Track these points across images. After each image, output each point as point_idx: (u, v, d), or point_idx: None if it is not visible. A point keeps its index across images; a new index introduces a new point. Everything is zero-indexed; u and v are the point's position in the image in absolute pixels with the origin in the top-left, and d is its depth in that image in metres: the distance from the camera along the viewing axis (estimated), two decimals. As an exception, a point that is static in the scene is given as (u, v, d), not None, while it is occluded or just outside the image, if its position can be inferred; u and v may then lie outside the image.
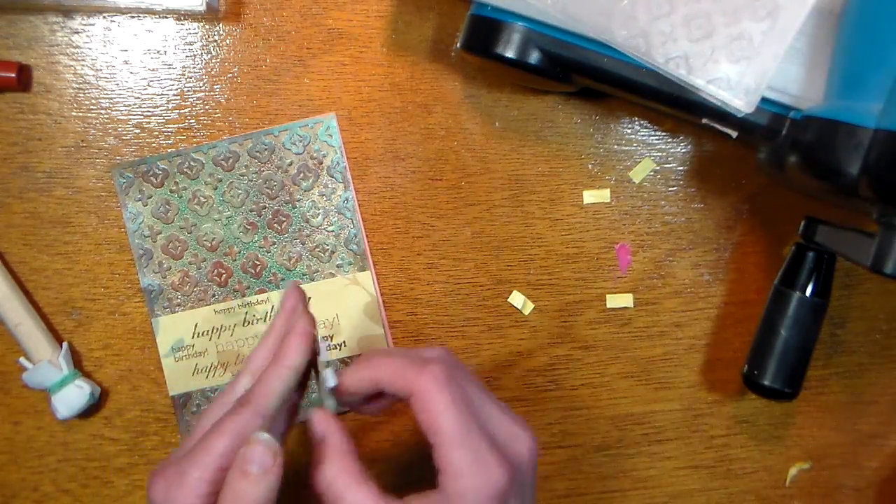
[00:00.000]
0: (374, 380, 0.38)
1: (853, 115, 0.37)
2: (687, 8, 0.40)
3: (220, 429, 0.35)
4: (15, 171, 0.50)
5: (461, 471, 0.35)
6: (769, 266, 0.52)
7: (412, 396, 0.36)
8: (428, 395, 0.36)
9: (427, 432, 0.36)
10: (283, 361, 0.37)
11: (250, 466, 0.33)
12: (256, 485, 0.33)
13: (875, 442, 0.54)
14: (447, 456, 0.35)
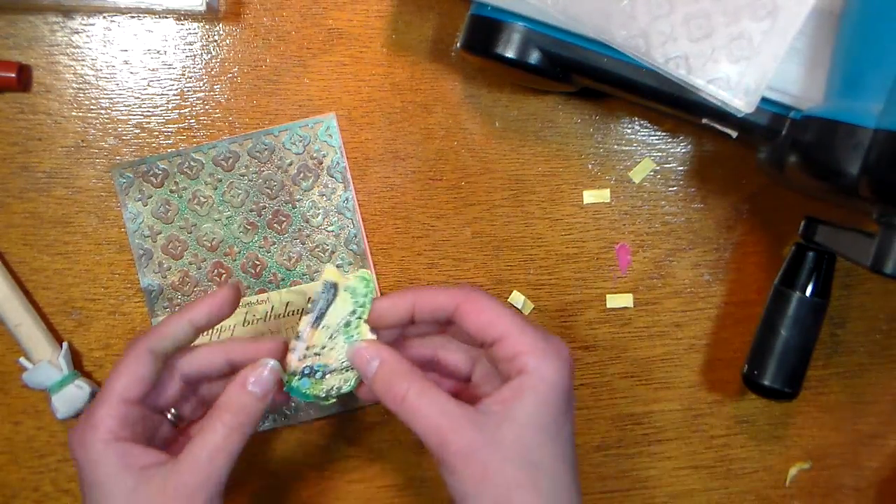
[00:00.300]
0: (412, 303, 0.40)
1: (853, 115, 0.37)
2: (687, 8, 0.40)
3: (117, 370, 0.39)
4: (15, 171, 0.50)
5: (536, 347, 0.37)
6: (769, 266, 0.52)
7: (459, 308, 0.38)
8: (480, 300, 0.38)
9: (484, 333, 0.38)
10: (184, 313, 0.40)
11: (252, 384, 0.38)
12: (254, 401, 0.38)
13: (875, 442, 0.54)
14: (518, 339, 0.37)
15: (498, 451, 0.35)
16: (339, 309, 0.41)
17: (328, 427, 0.52)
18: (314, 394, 0.41)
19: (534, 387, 0.36)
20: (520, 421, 0.36)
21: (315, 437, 0.52)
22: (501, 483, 0.35)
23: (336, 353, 0.41)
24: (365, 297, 0.41)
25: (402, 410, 0.37)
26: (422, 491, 0.53)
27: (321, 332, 0.41)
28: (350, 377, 0.41)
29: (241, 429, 0.38)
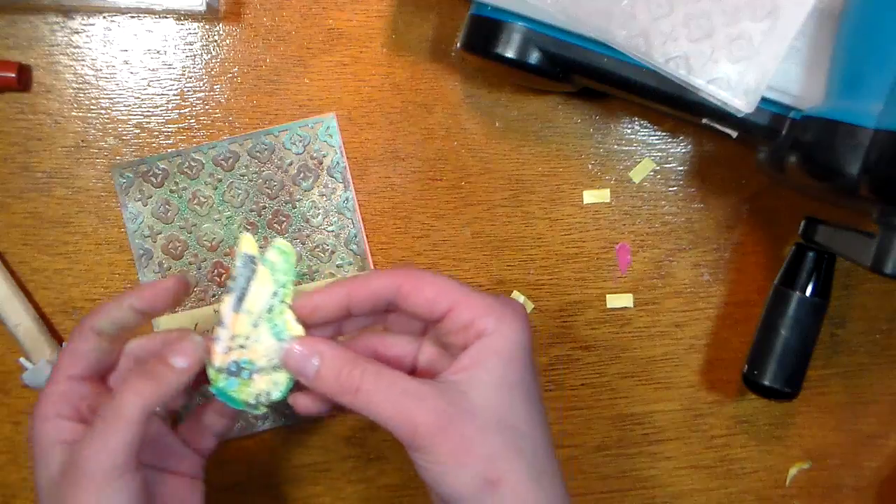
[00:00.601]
0: (347, 295, 0.36)
1: (853, 115, 0.37)
2: (687, 8, 0.40)
3: (62, 352, 0.38)
4: (15, 171, 0.50)
5: (492, 308, 0.35)
6: (769, 266, 0.52)
7: (400, 289, 0.36)
8: (421, 276, 0.36)
9: (433, 307, 0.36)
10: (126, 295, 0.38)
11: (175, 357, 0.36)
12: (172, 374, 0.35)
13: (875, 442, 0.54)
14: (471, 304, 0.35)
15: (473, 420, 0.33)
16: (260, 289, 0.36)
17: (328, 427, 0.52)
18: (243, 399, 0.37)
19: (496, 348, 0.34)
20: (489, 385, 0.34)
21: (315, 438, 0.52)
22: (483, 453, 0.33)
23: (262, 348, 0.36)
24: (286, 274, 0.37)
25: (359, 401, 0.34)
26: (422, 491, 0.53)
27: (243, 317, 0.36)
28: (280, 380, 0.37)
29: (150, 399, 0.34)
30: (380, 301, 0.36)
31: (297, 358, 0.35)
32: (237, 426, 0.51)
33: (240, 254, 0.36)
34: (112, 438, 0.33)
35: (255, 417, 0.51)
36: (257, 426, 0.52)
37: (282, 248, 0.37)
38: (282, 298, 0.36)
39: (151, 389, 0.34)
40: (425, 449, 0.33)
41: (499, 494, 0.33)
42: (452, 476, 0.33)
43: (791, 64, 0.41)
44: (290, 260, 0.37)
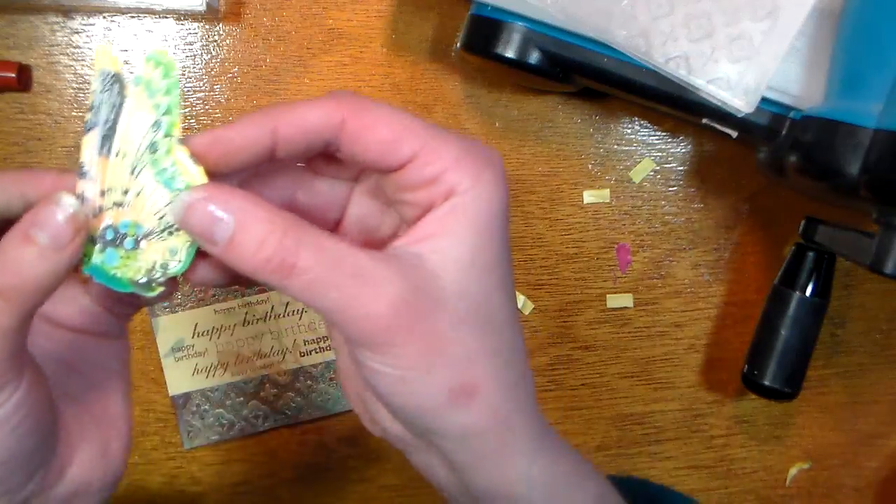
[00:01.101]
0: (272, 129, 0.26)
1: (853, 115, 0.37)
2: (687, 8, 0.40)
3: None
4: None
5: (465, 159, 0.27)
6: (769, 266, 0.52)
7: (346, 124, 0.26)
8: (373, 109, 0.27)
9: (390, 153, 0.27)
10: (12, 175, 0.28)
11: (37, 232, 0.24)
12: (41, 259, 0.24)
13: (875, 442, 0.54)
14: (440, 152, 0.27)
15: (445, 310, 0.26)
16: (134, 120, 0.27)
17: (328, 427, 0.52)
18: (129, 278, 0.27)
19: (471, 214, 0.26)
20: (461, 263, 0.26)
21: (315, 437, 0.52)
22: (456, 354, 0.26)
23: (150, 203, 0.27)
24: (168, 93, 0.27)
25: (294, 284, 0.25)
26: (422, 491, 0.53)
27: (116, 162, 0.27)
28: (178, 245, 0.27)
29: (23, 301, 0.25)
30: (315, 140, 0.27)
31: (201, 217, 0.25)
32: (237, 426, 0.51)
33: (98, 72, 0.26)
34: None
35: (255, 417, 0.51)
36: (258, 426, 0.52)
37: (158, 58, 0.26)
38: (167, 131, 0.26)
39: (24, 292, 0.24)
40: (382, 349, 0.25)
41: (472, 406, 0.26)
42: (417, 384, 0.26)
43: (791, 64, 0.41)
44: (170, 73, 0.26)
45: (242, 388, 0.51)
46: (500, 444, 0.27)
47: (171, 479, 0.52)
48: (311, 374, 0.52)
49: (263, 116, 0.26)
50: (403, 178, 0.27)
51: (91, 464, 0.29)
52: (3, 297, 0.24)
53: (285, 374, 0.51)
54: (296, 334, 0.51)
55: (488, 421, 0.27)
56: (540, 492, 0.29)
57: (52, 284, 0.25)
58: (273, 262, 0.24)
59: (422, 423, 0.27)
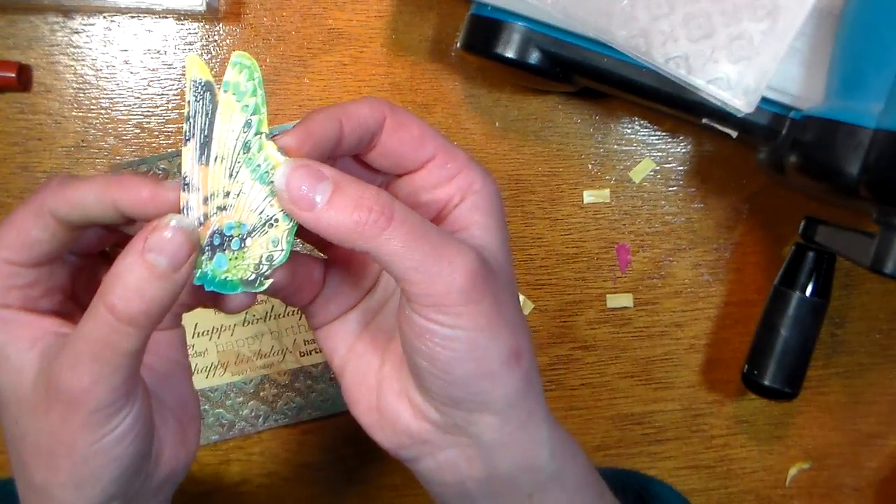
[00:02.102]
0: (340, 119, 0.28)
1: (853, 115, 0.37)
2: (687, 8, 0.40)
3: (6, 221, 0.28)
4: (15, 171, 0.50)
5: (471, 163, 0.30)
6: (769, 266, 0.52)
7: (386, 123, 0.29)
8: (404, 113, 0.30)
9: (415, 152, 0.30)
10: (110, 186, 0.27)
11: (155, 256, 0.25)
12: (161, 282, 0.25)
13: (875, 442, 0.54)
14: (455, 155, 0.30)
15: (498, 280, 0.28)
16: (227, 125, 0.27)
17: (328, 427, 0.52)
18: (239, 278, 0.28)
19: (489, 207, 0.30)
20: (493, 247, 0.29)
21: (315, 437, 0.52)
22: (510, 317, 0.28)
23: (250, 201, 0.27)
24: (254, 95, 0.27)
25: (392, 238, 0.26)
26: (422, 491, 0.53)
27: (216, 168, 0.27)
28: (278, 235, 0.28)
29: (146, 324, 0.26)
30: (366, 133, 0.29)
31: (300, 180, 0.26)
32: (237, 426, 0.51)
33: (190, 83, 0.27)
34: (114, 376, 0.26)
35: (255, 416, 0.51)
36: (258, 426, 0.52)
37: (242, 61, 0.27)
38: (257, 129, 0.27)
39: (147, 315, 0.26)
40: (457, 310, 0.26)
41: (520, 369, 0.28)
42: (484, 347, 0.27)
43: (791, 64, 0.41)
44: (255, 75, 0.27)
45: (242, 388, 0.51)
46: (531, 411, 0.30)
47: (171, 479, 0.52)
48: (311, 374, 0.52)
49: (332, 111, 0.28)
50: (423, 178, 0.30)
51: (176, 449, 0.31)
52: (132, 323, 0.25)
53: (285, 374, 0.51)
54: (296, 334, 0.51)
55: (526, 386, 0.29)
56: (556, 461, 0.31)
57: (172, 302, 0.26)
58: (372, 216, 0.26)
59: (479, 395, 0.28)
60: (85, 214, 0.28)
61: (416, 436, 0.30)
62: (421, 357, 0.28)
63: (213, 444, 0.52)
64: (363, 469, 0.52)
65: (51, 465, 0.28)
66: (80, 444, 0.27)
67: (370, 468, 0.53)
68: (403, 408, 0.30)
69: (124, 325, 0.25)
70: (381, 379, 0.31)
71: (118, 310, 0.25)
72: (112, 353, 0.26)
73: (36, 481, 0.28)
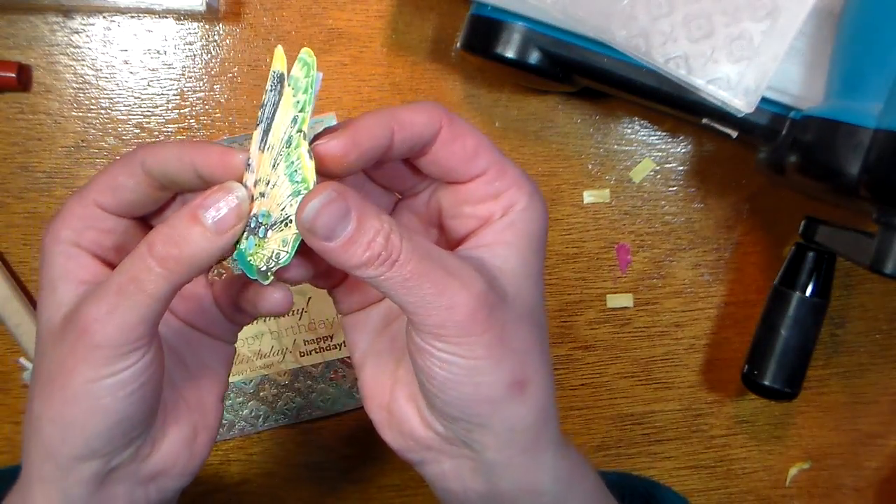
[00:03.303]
0: (390, 126, 0.28)
1: (853, 115, 0.37)
2: (687, 8, 0.40)
3: (97, 174, 0.30)
4: (15, 171, 0.50)
5: (523, 182, 0.30)
6: (769, 266, 0.52)
7: (441, 133, 0.29)
8: (460, 123, 0.29)
9: (468, 164, 0.29)
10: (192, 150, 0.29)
11: (206, 213, 0.27)
12: (202, 238, 0.27)
13: (875, 442, 0.54)
14: (507, 171, 0.30)
15: (510, 308, 0.28)
16: (283, 116, 0.28)
17: (328, 427, 0.52)
18: (255, 265, 0.29)
19: (526, 228, 0.29)
20: (518, 270, 0.29)
21: (315, 437, 0.52)
22: (517, 348, 0.28)
23: (278, 194, 0.28)
24: (305, 91, 0.28)
25: (395, 276, 0.26)
26: (422, 491, 0.53)
27: (266, 157, 0.29)
28: (288, 237, 0.28)
29: (177, 272, 0.27)
30: (418, 143, 0.29)
31: (331, 215, 0.26)
32: (237, 426, 0.51)
33: (271, 73, 0.29)
34: (129, 313, 0.27)
35: (255, 416, 0.51)
36: (258, 426, 0.52)
37: (305, 57, 0.28)
38: (299, 126, 0.28)
39: (180, 263, 0.27)
40: (459, 340, 0.27)
41: (524, 399, 0.28)
42: (484, 374, 0.27)
43: (791, 64, 0.41)
44: (310, 73, 0.28)
45: (242, 388, 0.51)
46: (536, 437, 0.29)
47: (171, 479, 0.52)
48: (311, 374, 0.52)
49: (384, 117, 0.28)
50: (469, 190, 0.30)
51: (178, 447, 0.31)
52: (163, 264, 0.27)
53: (285, 374, 0.51)
54: (296, 334, 0.51)
55: (534, 414, 0.29)
56: (560, 485, 0.30)
57: (206, 264, 0.27)
58: (381, 257, 0.26)
59: (476, 417, 0.28)
60: (167, 171, 0.29)
61: (421, 441, 0.30)
62: (420, 372, 0.28)
63: (214, 444, 0.52)
64: (363, 469, 0.52)
65: (46, 394, 0.28)
66: (77, 378, 0.27)
67: (370, 468, 0.53)
68: (412, 413, 0.30)
69: (156, 264, 0.26)
70: (395, 380, 0.32)
71: (156, 249, 0.27)
72: (136, 288, 0.27)
73: (34, 411, 0.29)
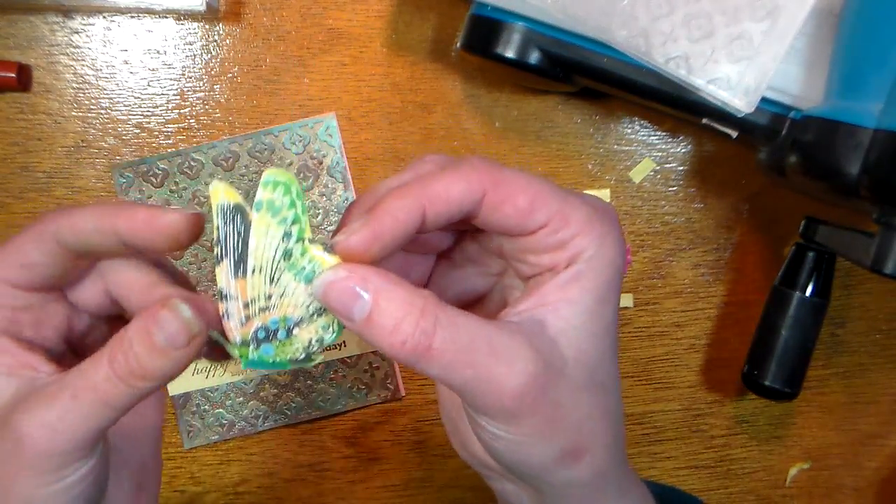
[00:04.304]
0: (422, 205, 0.26)
1: (853, 115, 0.37)
2: (687, 8, 0.40)
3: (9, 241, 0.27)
4: (15, 171, 0.50)
5: (591, 223, 0.27)
6: (769, 266, 0.52)
7: (487, 196, 0.26)
8: (510, 179, 0.26)
9: (526, 221, 0.27)
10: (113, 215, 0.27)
11: (158, 332, 0.25)
12: (162, 357, 0.26)
13: (875, 442, 0.54)
14: (571, 218, 0.27)
15: (565, 380, 0.26)
16: (264, 240, 0.28)
17: (328, 427, 0.52)
18: (288, 359, 0.29)
19: (593, 279, 0.27)
20: (581, 330, 0.27)
21: (315, 437, 0.52)
22: (572, 420, 0.26)
23: (294, 299, 0.29)
24: (292, 206, 0.28)
25: (432, 365, 0.25)
26: (422, 491, 0.53)
27: (255, 278, 0.28)
28: (328, 322, 0.29)
29: (141, 387, 0.26)
30: (458, 214, 0.26)
31: (339, 295, 0.25)
32: (237, 426, 0.51)
33: (217, 208, 0.28)
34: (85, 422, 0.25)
35: (255, 416, 0.51)
36: (258, 426, 0.52)
37: (276, 179, 0.28)
38: (298, 236, 0.28)
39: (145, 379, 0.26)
40: (508, 419, 0.26)
41: (578, 466, 0.27)
42: (533, 448, 0.26)
43: (791, 64, 0.41)
44: (292, 189, 0.28)
45: (242, 388, 0.51)
46: (595, 491, 0.28)
47: (171, 479, 0.52)
48: (311, 374, 0.52)
49: (413, 198, 0.26)
50: (531, 242, 0.27)
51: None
52: (126, 380, 0.25)
53: (285, 374, 0.51)
54: (296, 334, 0.51)
55: (591, 476, 0.28)
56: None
57: (171, 377, 0.26)
58: (409, 345, 0.24)
59: (531, 476, 0.28)
60: (85, 240, 0.27)
61: (486, 464, 0.30)
62: (477, 436, 0.27)
63: (213, 444, 0.52)
64: (363, 469, 0.52)
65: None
66: (19, 487, 0.25)
67: (370, 468, 0.53)
68: (475, 438, 0.29)
69: (115, 376, 0.25)
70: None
71: (118, 363, 0.25)
72: (95, 397, 0.25)
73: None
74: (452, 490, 0.53)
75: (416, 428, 0.52)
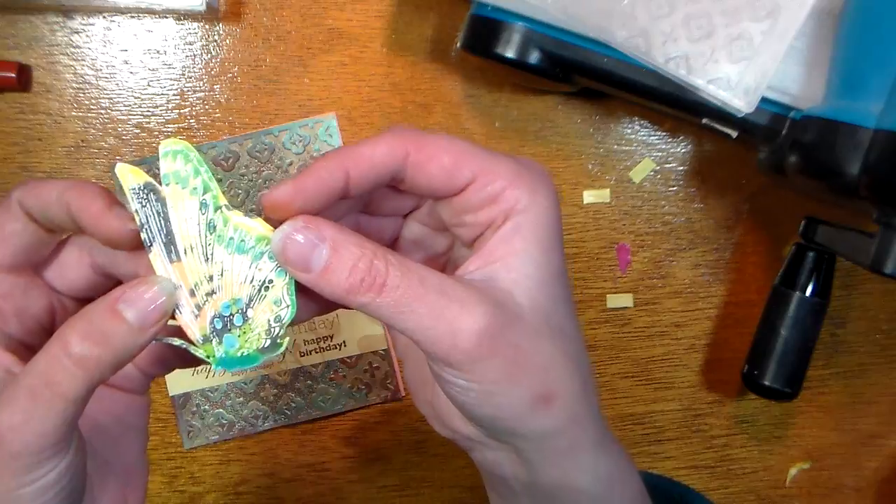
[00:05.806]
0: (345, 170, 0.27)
1: (853, 115, 0.37)
2: (687, 8, 0.40)
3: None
4: (15, 171, 0.50)
5: (521, 177, 0.28)
6: (769, 266, 0.52)
7: (410, 158, 0.27)
8: (433, 141, 0.28)
9: (452, 179, 0.28)
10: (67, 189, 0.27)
11: (126, 309, 0.25)
12: (126, 335, 0.25)
13: (875, 442, 0.54)
14: (498, 173, 0.28)
15: (524, 324, 0.27)
16: (181, 213, 0.27)
17: (328, 427, 0.52)
18: (255, 350, 0.28)
19: (534, 229, 0.27)
20: (532, 278, 0.27)
21: (315, 437, 0.52)
22: (536, 363, 0.27)
23: (235, 276, 0.27)
24: (196, 176, 0.27)
25: (383, 303, 0.25)
26: (422, 491, 0.53)
27: (190, 259, 0.27)
28: (278, 295, 0.28)
29: (96, 372, 0.25)
30: (384, 175, 0.27)
31: (299, 246, 0.26)
32: (237, 426, 0.51)
33: (130, 192, 0.27)
34: (47, 420, 0.25)
35: (255, 416, 0.51)
36: (258, 426, 0.52)
37: (173, 148, 0.27)
38: (215, 205, 0.27)
39: (100, 363, 0.25)
40: (467, 368, 0.26)
41: (551, 410, 0.27)
42: (501, 397, 0.26)
43: (791, 64, 0.41)
44: (190, 156, 0.27)
45: (242, 388, 0.51)
46: (572, 441, 0.29)
47: (171, 479, 0.52)
48: (311, 374, 0.52)
49: (334, 160, 0.27)
50: (463, 201, 0.28)
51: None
52: (80, 364, 0.25)
53: (285, 374, 0.51)
54: (296, 334, 0.51)
55: (564, 422, 0.28)
56: (601, 485, 0.31)
57: (129, 360, 0.26)
58: (365, 282, 0.25)
59: (503, 429, 0.28)
60: (47, 210, 0.27)
61: (464, 434, 0.30)
62: (446, 394, 0.28)
63: (213, 444, 0.52)
64: (363, 469, 0.52)
65: None
66: (2, 487, 0.25)
67: (370, 468, 0.53)
68: (453, 411, 0.29)
69: (72, 364, 0.25)
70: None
71: (71, 348, 0.25)
72: (52, 392, 0.25)
73: None
74: (452, 490, 0.53)
75: (416, 428, 0.52)
